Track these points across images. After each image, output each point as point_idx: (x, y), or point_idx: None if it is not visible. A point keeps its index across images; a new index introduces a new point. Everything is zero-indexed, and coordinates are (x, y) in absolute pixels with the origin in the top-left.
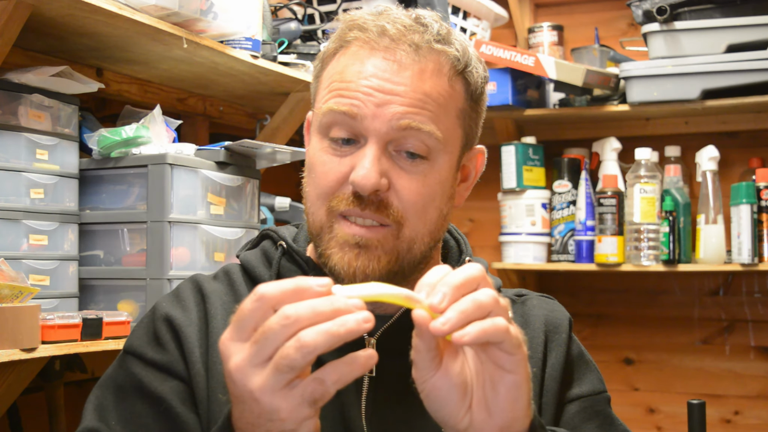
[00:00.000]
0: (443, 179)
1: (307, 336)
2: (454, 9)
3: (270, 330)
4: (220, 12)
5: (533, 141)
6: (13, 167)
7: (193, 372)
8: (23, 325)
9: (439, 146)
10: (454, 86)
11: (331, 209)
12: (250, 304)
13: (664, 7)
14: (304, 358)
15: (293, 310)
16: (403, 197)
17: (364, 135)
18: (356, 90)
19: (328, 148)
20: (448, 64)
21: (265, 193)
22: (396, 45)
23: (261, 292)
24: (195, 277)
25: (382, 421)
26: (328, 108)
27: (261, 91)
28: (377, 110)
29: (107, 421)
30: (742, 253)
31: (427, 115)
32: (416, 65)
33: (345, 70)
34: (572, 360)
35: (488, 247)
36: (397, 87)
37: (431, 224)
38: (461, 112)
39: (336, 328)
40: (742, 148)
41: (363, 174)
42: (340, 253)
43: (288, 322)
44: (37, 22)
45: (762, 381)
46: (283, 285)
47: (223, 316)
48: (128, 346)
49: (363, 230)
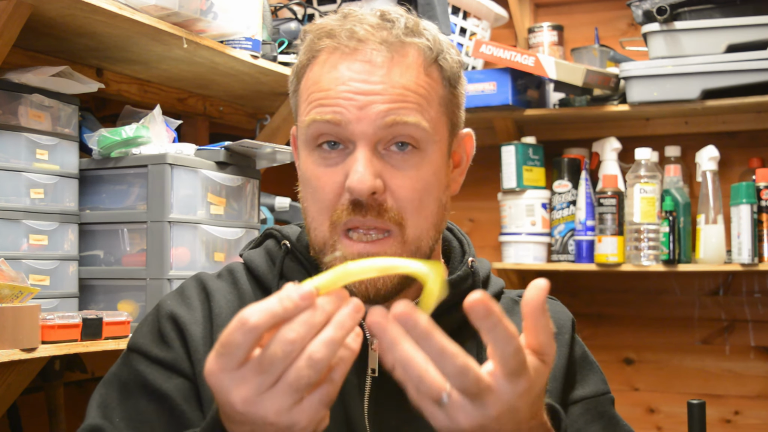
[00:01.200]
0: (436, 169)
1: (317, 352)
2: (454, 9)
3: (275, 357)
4: (220, 12)
5: (533, 141)
6: (13, 167)
7: (198, 370)
8: (23, 325)
9: (427, 136)
10: (431, 75)
11: (334, 223)
12: (237, 334)
13: (664, 7)
14: (319, 373)
15: (293, 334)
16: (399, 196)
17: (351, 140)
18: (336, 97)
19: (318, 159)
20: (420, 55)
21: (265, 193)
22: (365, 45)
23: (246, 319)
24: (199, 276)
25: (384, 420)
26: (310, 119)
27: (261, 91)
28: (360, 113)
29: (111, 418)
30: (742, 253)
31: (410, 107)
32: (389, 61)
33: (321, 79)
34: (576, 361)
35: (488, 247)
36: (375, 86)
37: (432, 217)
38: (442, 100)
39: (337, 332)
40: (742, 148)
41: (358, 178)
42: None
43: (292, 348)
44: (37, 22)
45: (762, 381)
46: (269, 308)
47: (227, 314)
48: (133, 344)
49: (368, 246)
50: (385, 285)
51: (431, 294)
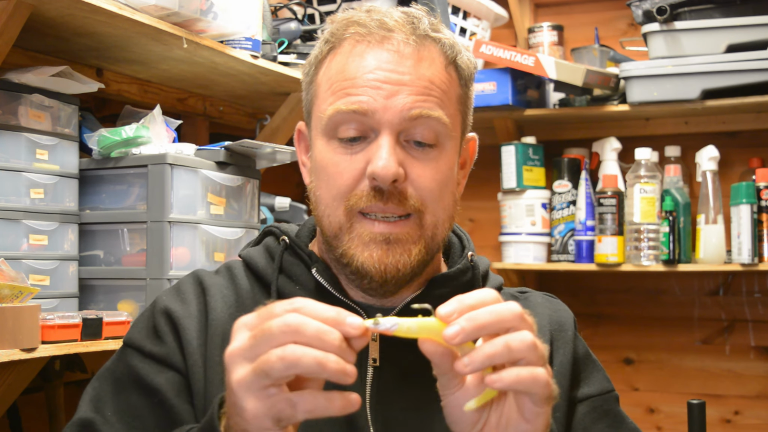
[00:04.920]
0: (452, 164)
1: (294, 351)
2: (454, 9)
3: (269, 330)
4: (220, 12)
5: (533, 141)
6: (13, 167)
7: (190, 363)
8: (23, 325)
9: (447, 131)
10: (450, 73)
11: (350, 208)
12: (281, 306)
13: (664, 7)
14: (281, 371)
15: (298, 322)
16: (419, 185)
17: (375, 128)
18: (363, 85)
19: (338, 148)
20: (443, 51)
21: (265, 193)
22: (393, 34)
23: (300, 305)
24: (196, 272)
25: (386, 410)
26: (335, 109)
27: (261, 91)
28: (387, 102)
29: (103, 412)
30: (742, 253)
31: (434, 102)
32: (416, 53)
33: (345, 68)
34: (579, 359)
35: (488, 247)
36: (402, 77)
37: (449, 209)
38: (459, 98)
39: (326, 360)
40: (742, 148)
41: (382, 165)
42: (367, 252)
43: (287, 330)
44: (37, 22)
45: (762, 381)
46: (322, 308)
47: (223, 309)
48: (128, 339)
49: (389, 226)
50: (404, 268)
51: (485, 397)
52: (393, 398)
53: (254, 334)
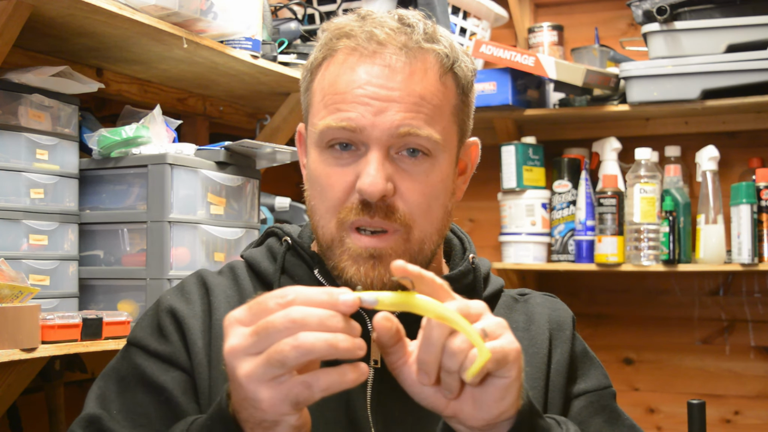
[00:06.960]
0: (444, 176)
1: (307, 339)
2: (454, 9)
3: (273, 327)
4: (220, 12)
5: (533, 141)
6: (13, 167)
7: (195, 362)
8: (23, 325)
9: (438, 147)
10: (446, 83)
11: (341, 221)
12: (271, 299)
13: (664, 7)
14: (298, 359)
15: (301, 315)
16: (408, 200)
17: (365, 143)
18: (352, 101)
19: (329, 159)
20: (438, 62)
21: (265, 193)
22: (385, 48)
23: (286, 293)
24: (200, 272)
25: (387, 410)
26: (325, 125)
27: (261, 91)
28: (375, 119)
29: (109, 409)
30: (742, 253)
31: (423, 119)
32: (408, 67)
33: (336, 80)
34: (576, 356)
35: (488, 247)
36: (392, 93)
37: (438, 222)
38: (455, 109)
39: (336, 341)
40: (742, 148)
41: (370, 181)
42: (355, 266)
43: (292, 326)
44: (37, 22)
45: (762, 381)
46: (312, 293)
47: (226, 309)
48: (132, 338)
49: (374, 240)
50: (390, 282)
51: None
52: (394, 399)
53: (256, 331)
